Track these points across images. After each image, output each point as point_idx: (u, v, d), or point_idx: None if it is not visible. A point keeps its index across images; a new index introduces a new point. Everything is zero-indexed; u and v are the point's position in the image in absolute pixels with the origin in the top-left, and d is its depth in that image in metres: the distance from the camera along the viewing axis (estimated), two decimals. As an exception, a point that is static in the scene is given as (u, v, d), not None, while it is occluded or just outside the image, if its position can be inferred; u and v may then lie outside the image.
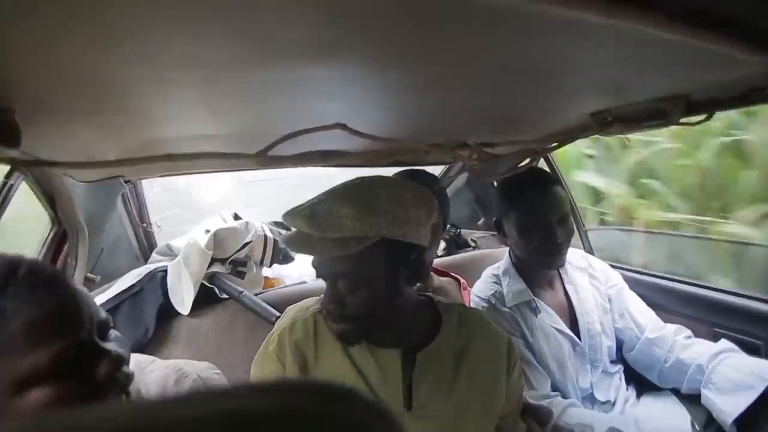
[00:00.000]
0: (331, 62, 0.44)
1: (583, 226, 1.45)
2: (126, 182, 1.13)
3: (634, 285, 1.24)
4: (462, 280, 1.30)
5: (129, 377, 0.47)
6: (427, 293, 0.85)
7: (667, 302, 1.23)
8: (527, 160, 1.04)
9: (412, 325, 0.76)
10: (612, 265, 1.29)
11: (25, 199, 0.91)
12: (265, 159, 0.46)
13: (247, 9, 0.32)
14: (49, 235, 0.98)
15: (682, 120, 0.81)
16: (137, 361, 0.60)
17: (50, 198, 0.88)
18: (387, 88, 0.55)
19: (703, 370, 1.01)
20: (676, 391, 1.09)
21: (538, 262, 1.12)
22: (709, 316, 1.14)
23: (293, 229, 0.69)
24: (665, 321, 1.15)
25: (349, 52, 0.41)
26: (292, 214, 0.67)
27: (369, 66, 0.47)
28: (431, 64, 0.46)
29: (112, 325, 0.50)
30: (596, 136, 0.93)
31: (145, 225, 1.43)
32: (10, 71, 0.41)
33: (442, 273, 1.31)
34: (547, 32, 0.39)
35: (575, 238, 1.36)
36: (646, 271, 1.32)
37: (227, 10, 0.32)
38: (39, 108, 0.49)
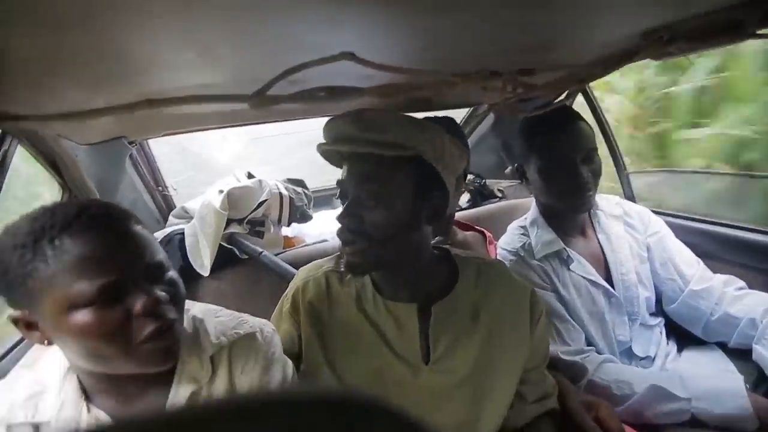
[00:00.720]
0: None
1: (624, 168, 1.32)
2: (130, 144, 1.08)
3: (682, 232, 1.13)
4: (488, 234, 1.24)
5: (167, 317, 0.53)
6: (444, 246, 0.81)
7: (718, 250, 1.12)
8: (563, 95, 0.91)
9: (427, 277, 0.74)
10: (656, 212, 1.18)
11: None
12: (262, 100, 0.39)
13: None
14: (61, 199, 0.96)
15: (760, 31, 0.67)
16: (207, 308, 0.68)
17: (53, 163, 0.84)
18: (397, 7, 0.45)
19: (756, 324, 0.93)
20: (722, 345, 1.02)
21: (564, 207, 1.04)
22: (767, 264, 1.03)
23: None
24: (717, 271, 1.05)
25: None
26: (337, 118, 0.65)
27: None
28: None
29: (167, 269, 0.56)
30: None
31: (161, 188, 1.41)
32: None
33: (466, 227, 1.24)
34: None
35: (616, 182, 1.25)
36: (696, 216, 1.20)
37: None
38: (17, 61, 0.43)
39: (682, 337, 1.09)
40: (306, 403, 0.15)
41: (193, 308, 0.68)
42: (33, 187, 1.11)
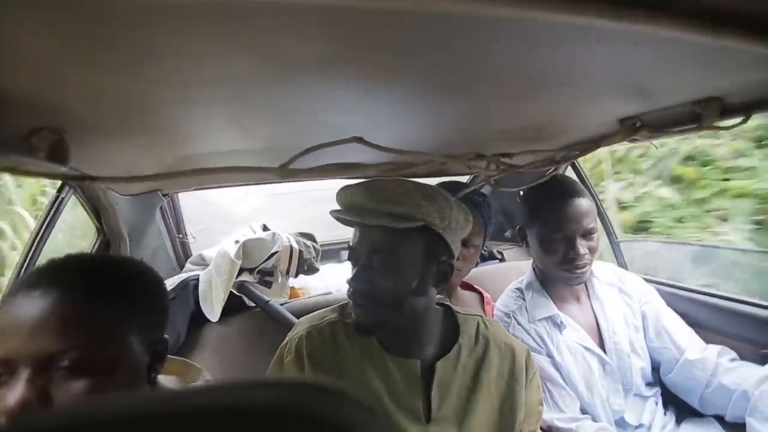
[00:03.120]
0: (346, 76, 0.46)
1: (616, 237, 1.39)
2: (164, 195, 1.21)
3: (673, 301, 1.16)
4: (486, 295, 1.28)
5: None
6: (445, 303, 0.84)
7: (709, 320, 1.14)
8: (552, 169, 1.01)
9: (431, 333, 0.76)
10: (648, 280, 1.22)
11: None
12: (286, 172, 0.49)
13: (265, 29, 0.34)
14: (94, 244, 1.06)
15: (717, 123, 0.77)
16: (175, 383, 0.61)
17: (96, 211, 0.96)
18: (402, 100, 0.56)
19: (749, 396, 0.93)
20: (719, 418, 1.01)
21: (559, 277, 1.09)
22: (757, 336, 1.05)
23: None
24: (708, 341, 1.07)
25: (363, 66, 0.43)
26: (350, 187, 0.70)
27: (383, 79, 0.49)
28: (445, 75, 0.47)
29: (71, 363, 0.46)
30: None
31: (181, 236, 1.51)
32: (60, 98, 0.46)
33: (465, 286, 1.29)
34: (562, 38, 0.39)
35: (608, 252, 1.30)
36: (686, 286, 1.23)
37: (246, 32, 0.35)
38: (85, 129, 0.55)
39: (681, 408, 1.08)
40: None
41: (168, 380, 0.62)
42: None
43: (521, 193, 1.15)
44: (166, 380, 0.59)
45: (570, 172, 1.38)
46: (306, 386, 0.17)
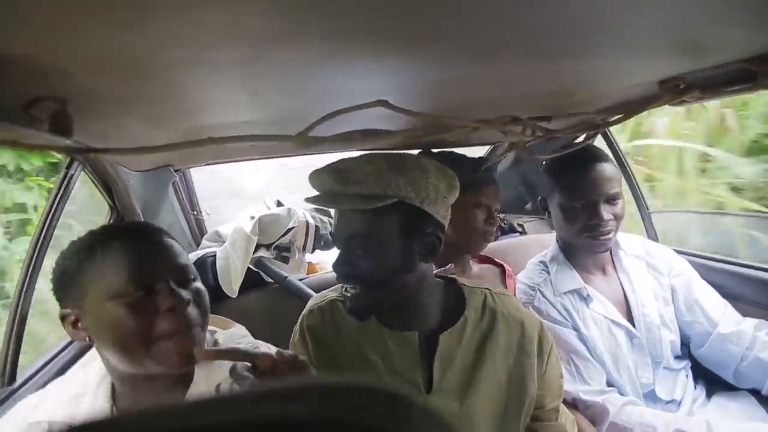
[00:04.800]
0: (369, 36, 0.40)
1: (647, 208, 1.32)
2: (175, 171, 1.18)
3: (708, 273, 1.11)
4: (507, 268, 1.24)
5: (188, 319, 0.58)
6: (450, 276, 0.82)
7: (747, 292, 1.09)
8: (592, 134, 0.95)
9: (431, 306, 0.75)
10: (679, 251, 1.16)
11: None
12: (304, 140, 0.45)
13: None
14: (108, 221, 1.04)
15: (775, 82, 0.70)
16: (232, 333, 0.74)
17: (107, 187, 0.93)
18: (431, 61, 0.50)
19: None
20: (755, 392, 0.98)
21: (582, 245, 1.05)
22: (799, 310, 1.00)
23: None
24: (745, 314, 1.03)
25: (388, 25, 0.38)
26: (318, 170, 0.69)
27: (410, 39, 0.43)
28: (477, 32, 0.42)
29: (193, 278, 0.62)
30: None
31: (195, 213, 1.50)
32: (60, 63, 0.42)
33: (485, 259, 1.26)
34: None
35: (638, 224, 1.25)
36: (722, 258, 1.18)
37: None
38: (88, 98, 0.51)
39: (712, 382, 1.05)
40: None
41: (221, 333, 0.72)
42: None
43: (543, 163, 1.10)
44: (208, 331, 0.70)
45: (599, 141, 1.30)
46: (364, 393, 0.16)
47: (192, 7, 0.34)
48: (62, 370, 0.83)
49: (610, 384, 1.00)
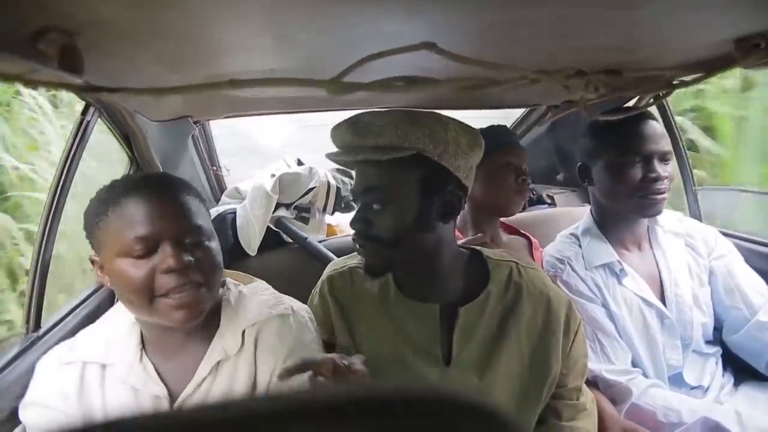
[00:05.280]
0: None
1: (693, 185, 1.23)
2: (195, 123, 1.13)
3: (754, 258, 1.04)
4: (534, 240, 1.20)
5: (189, 278, 0.59)
6: (474, 247, 0.79)
7: None
8: (633, 102, 0.86)
9: (453, 277, 0.73)
10: (727, 234, 1.09)
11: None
12: (339, 86, 0.39)
13: None
14: (128, 172, 1.02)
15: None
16: (256, 287, 0.74)
17: (125, 137, 0.90)
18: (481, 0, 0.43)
19: None
20: (788, 385, 0.93)
21: (633, 208, 0.99)
22: None
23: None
24: (792, 304, 0.96)
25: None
26: (338, 124, 0.68)
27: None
28: None
29: (205, 237, 0.62)
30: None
31: (215, 168, 1.47)
32: None
33: (511, 230, 1.21)
34: None
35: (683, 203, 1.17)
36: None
37: None
38: (99, 32, 0.46)
39: (742, 370, 1.01)
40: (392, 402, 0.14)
41: (244, 286, 0.73)
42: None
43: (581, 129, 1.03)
44: (231, 283, 0.73)
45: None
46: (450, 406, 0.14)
47: None
48: (89, 317, 0.84)
49: (635, 364, 0.97)
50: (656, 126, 0.97)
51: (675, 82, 0.64)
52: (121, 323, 0.66)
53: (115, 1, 0.41)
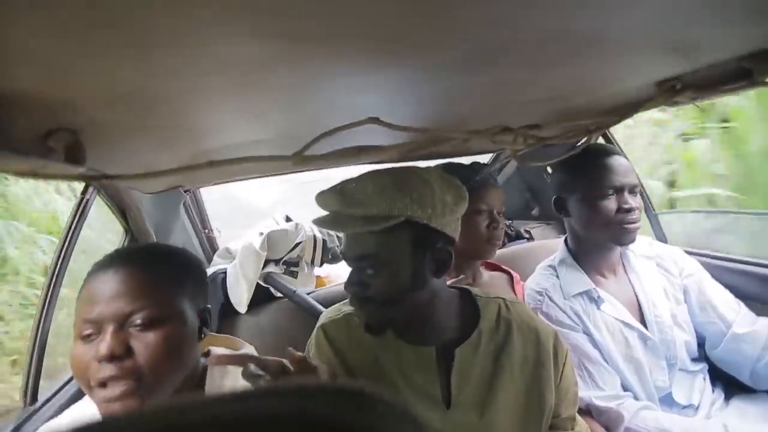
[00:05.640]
0: (356, 54, 0.43)
1: (653, 209, 1.31)
2: (185, 192, 1.22)
3: (720, 273, 1.09)
4: (515, 274, 1.24)
5: (125, 368, 0.55)
6: (463, 287, 0.82)
7: (761, 292, 1.06)
8: (584, 140, 0.96)
9: (447, 320, 0.74)
10: (690, 252, 1.15)
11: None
12: (301, 159, 0.47)
13: (267, 9, 0.32)
14: (123, 242, 1.08)
15: (769, 80, 0.70)
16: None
17: (121, 210, 0.97)
18: (417, 73, 0.52)
19: None
20: (774, 394, 0.95)
21: (610, 237, 1.04)
22: (816, 308, 0.97)
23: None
24: (761, 314, 1.00)
25: (375, 41, 0.40)
26: (324, 192, 0.69)
27: (399, 52, 0.45)
28: (465, 45, 0.43)
29: (158, 319, 0.58)
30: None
31: (207, 231, 1.53)
32: (71, 96, 0.46)
33: (493, 267, 1.26)
34: None
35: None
36: (735, 257, 1.15)
37: (247, 13, 0.32)
38: (100, 128, 0.54)
39: (730, 384, 1.02)
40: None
41: (232, 355, 0.69)
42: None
43: (548, 169, 1.10)
44: (217, 350, 0.70)
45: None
46: (332, 391, 0.17)
47: (192, 41, 0.37)
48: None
49: (625, 388, 0.99)
50: (624, 161, 1.05)
51: (592, 128, 0.73)
52: None
53: (112, 104, 0.50)
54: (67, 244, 0.85)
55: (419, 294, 0.69)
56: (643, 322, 1.03)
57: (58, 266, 0.86)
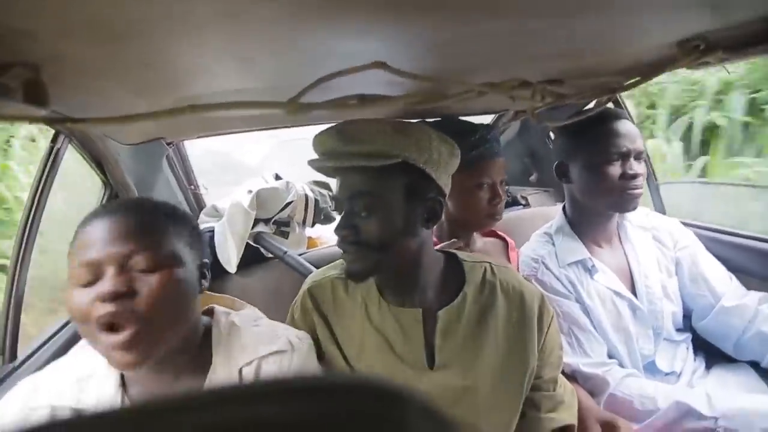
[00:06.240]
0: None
1: (655, 180, 1.29)
2: (168, 144, 1.14)
3: (714, 246, 1.09)
4: (510, 241, 1.23)
5: (121, 309, 0.54)
6: (449, 251, 0.81)
7: (754, 266, 1.07)
8: (605, 99, 0.91)
9: (432, 282, 0.75)
10: (688, 224, 1.14)
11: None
12: (297, 106, 0.41)
13: None
14: (102, 198, 1.02)
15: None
16: (247, 316, 0.70)
17: (98, 162, 0.90)
18: (431, 19, 0.46)
19: None
20: (754, 364, 0.98)
21: (612, 204, 1.02)
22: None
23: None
24: (751, 288, 1.02)
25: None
26: (322, 132, 0.69)
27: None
28: None
29: (159, 263, 0.56)
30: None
31: (192, 187, 1.47)
32: (29, 26, 0.38)
33: (488, 233, 1.24)
34: None
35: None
36: (730, 230, 1.15)
37: None
38: (63, 64, 0.47)
39: (712, 354, 1.06)
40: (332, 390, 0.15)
41: (236, 315, 0.69)
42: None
43: (550, 133, 1.06)
44: (220, 309, 0.69)
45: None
46: (363, 389, 0.16)
47: None
48: (68, 345, 0.83)
49: (610, 355, 1.01)
50: (631, 126, 1.01)
51: (615, 86, 0.68)
52: (96, 360, 0.58)
53: (75, 34, 0.43)
54: (38, 196, 0.79)
55: (409, 242, 0.70)
56: (633, 291, 1.05)
57: (30, 219, 0.80)
